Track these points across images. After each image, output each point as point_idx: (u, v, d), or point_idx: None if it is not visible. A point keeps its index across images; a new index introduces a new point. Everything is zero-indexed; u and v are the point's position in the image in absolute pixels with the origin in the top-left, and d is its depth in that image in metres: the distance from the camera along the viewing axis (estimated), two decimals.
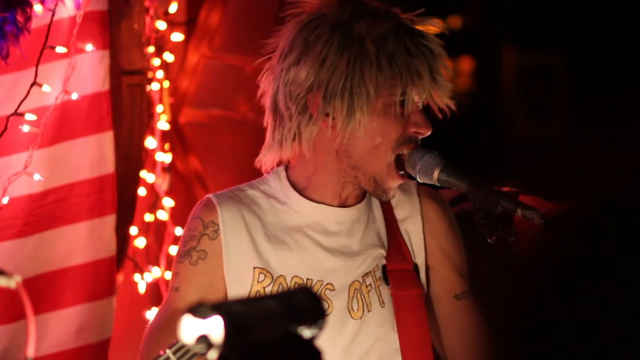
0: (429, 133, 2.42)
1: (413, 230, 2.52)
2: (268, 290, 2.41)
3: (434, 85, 2.40)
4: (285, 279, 2.42)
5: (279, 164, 2.50)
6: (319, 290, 2.43)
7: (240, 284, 2.42)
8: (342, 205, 2.47)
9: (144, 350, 2.44)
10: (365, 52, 2.36)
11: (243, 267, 2.42)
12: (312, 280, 2.43)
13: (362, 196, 2.49)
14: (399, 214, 2.52)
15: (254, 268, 2.42)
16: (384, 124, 2.38)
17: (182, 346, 2.19)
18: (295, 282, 2.42)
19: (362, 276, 2.45)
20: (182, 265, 2.45)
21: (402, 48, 2.37)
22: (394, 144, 2.39)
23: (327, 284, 2.44)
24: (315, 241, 2.44)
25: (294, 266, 2.43)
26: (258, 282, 2.42)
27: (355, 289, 2.45)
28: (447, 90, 2.42)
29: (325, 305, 2.42)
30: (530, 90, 6.14)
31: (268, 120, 2.47)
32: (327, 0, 2.44)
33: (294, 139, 2.42)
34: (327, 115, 2.38)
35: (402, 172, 2.41)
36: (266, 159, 2.48)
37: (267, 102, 2.47)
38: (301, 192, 2.46)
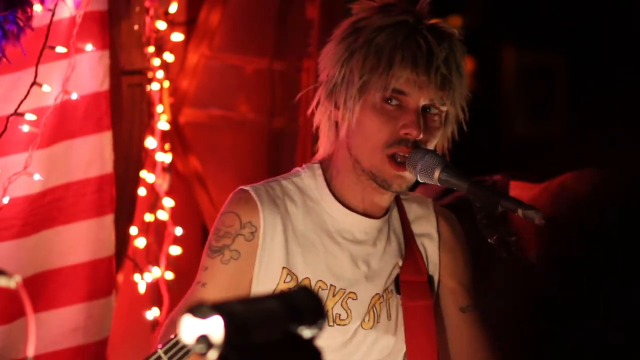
0: (419, 137, 2.38)
1: (429, 245, 2.54)
2: None
3: (416, 79, 2.37)
4: (310, 282, 2.42)
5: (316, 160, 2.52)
6: (342, 299, 2.43)
7: (267, 282, 2.42)
8: (368, 213, 2.47)
9: (160, 341, 2.43)
10: (357, 42, 2.39)
11: (274, 266, 2.42)
12: (335, 287, 2.43)
13: (387, 207, 2.50)
14: (417, 228, 2.54)
15: (283, 268, 2.42)
16: (372, 119, 2.39)
17: (174, 345, 2.19)
18: (319, 287, 2.41)
19: (383, 290, 2.47)
20: (213, 262, 2.42)
21: (391, 40, 2.38)
22: (382, 145, 2.39)
23: (350, 292, 2.44)
24: (344, 248, 2.45)
25: (320, 270, 2.43)
26: (284, 282, 2.41)
27: (375, 301, 2.46)
28: (437, 94, 2.39)
29: (345, 314, 2.43)
30: (530, 90, 6.13)
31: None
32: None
33: (322, 128, 2.48)
34: (334, 105, 2.43)
35: (400, 160, 2.39)
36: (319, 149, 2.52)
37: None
38: (334, 193, 2.47)
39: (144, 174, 3.58)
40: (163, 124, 3.66)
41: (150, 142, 3.62)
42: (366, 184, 2.44)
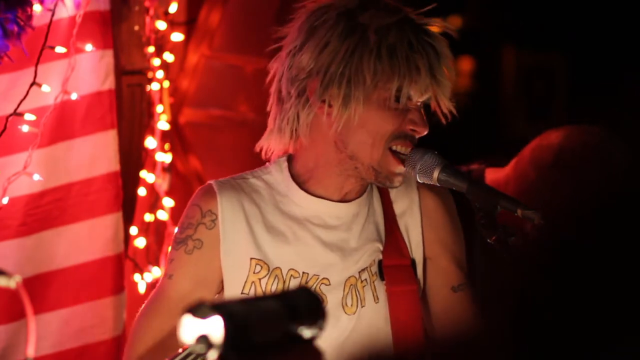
0: (425, 132, 2.40)
1: (411, 224, 2.51)
2: (264, 281, 2.41)
3: (434, 83, 2.38)
4: (281, 271, 2.42)
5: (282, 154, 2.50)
6: (315, 285, 2.42)
7: (236, 273, 2.42)
8: (343, 199, 2.46)
9: (133, 335, 2.43)
10: (366, 41, 2.35)
11: (240, 257, 2.42)
12: (307, 274, 2.43)
13: (362, 190, 2.48)
14: (398, 208, 2.51)
15: (251, 259, 2.42)
16: (378, 117, 2.37)
17: None
18: (291, 275, 2.42)
19: (359, 272, 2.45)
20: (177, 253, 2.44)
21: (404, 42, 2.36)
22: (388, 138, 2.38)
23: (323, 278, 2.43)
24: (314, 235, 2.44)
25: (290, 259, 2.43)
26: (254, 272, 2.41)
27: (351, 284, 2.44)
28: (447, 91, 2.41)
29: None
30: (530, 90, 6.13)
31: (272, 105, 2.47)
32: None
33: (292, 124, 2.42)
34: (324, 101, 2.38)
35: (402, 156, 2.39)
36: (267, 144, 2.48)
37: (272, 87, 2.47)
38: (302, 184, 2.45)
39: (144, 174, 3.59)
40: (163, 124, 3.67)
41: (150, 142, 3.62)
42: (350, 177, 2.43)
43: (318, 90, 2.37)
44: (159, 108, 3.65)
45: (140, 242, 3.58)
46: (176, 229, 2.49)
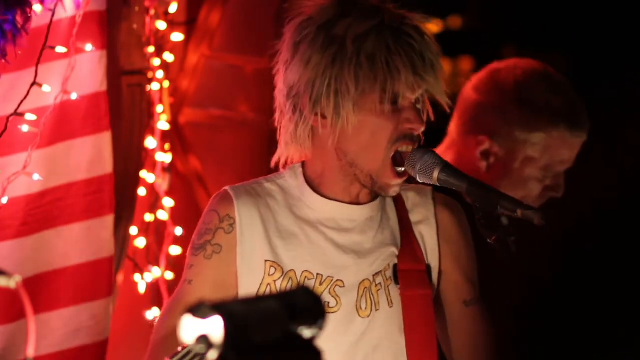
0: (422, 129, 2.42)
1: (427, 232, 2.53)
2: (278, 283, 2.43)
3: (419, 81, 2.39)
4: (295, 274, 2.44)
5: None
6: (329, 287, 2.44)
7: (251, 276, 2.43)
8: (355, 202, 2.48)
9: (154, 343, 2.45)
10: (345, 51, 2.38)
11: (255, 260, 2.44)
12: (322, 275, 2.44)
13: (375, 194, 2.50)
14: (414, 217, 2.54)
15: (266, 261, 2.44)
16: (372, 122, 2.39)
17: (182, 358, 2.18)
18: (306, 277, 2.43)
19: (373, 275, 2.46)
20: (196, 259, 2.46)
21: (382, 46, 2.38)
22: (388, 142, 2.40)
23: (337, 280, 2.45)
24: (328, 237, 2.46)
25: (305, 261, 2.44)
26: (269, 275, 2.43)
27: (365, 287, 2.46)
28: (435, 86, 2.42)
29: (334, 302, 2.44)
30: None
31: (278, 121, 2.50)
32: (321, 1, 2.45)
33: (294, 138, 2.45)
34: (317, 114, 2.41)
35: (400, 169, 2.41)
36: (282, 158, 2.51)
37: (276, 103, 2.50)
38: (315, 188, 2.48)
39: (144, 174, 3.58)
40: (163, 124, 3.67)
41: (150, 142, 3.62)
42: (354, 181, 2.45)
43: (309, 105, 2.40)
44: (159, 108, 3.65)
45: (140, 242, 3.58)
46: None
